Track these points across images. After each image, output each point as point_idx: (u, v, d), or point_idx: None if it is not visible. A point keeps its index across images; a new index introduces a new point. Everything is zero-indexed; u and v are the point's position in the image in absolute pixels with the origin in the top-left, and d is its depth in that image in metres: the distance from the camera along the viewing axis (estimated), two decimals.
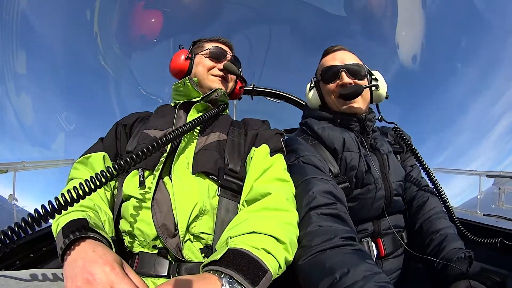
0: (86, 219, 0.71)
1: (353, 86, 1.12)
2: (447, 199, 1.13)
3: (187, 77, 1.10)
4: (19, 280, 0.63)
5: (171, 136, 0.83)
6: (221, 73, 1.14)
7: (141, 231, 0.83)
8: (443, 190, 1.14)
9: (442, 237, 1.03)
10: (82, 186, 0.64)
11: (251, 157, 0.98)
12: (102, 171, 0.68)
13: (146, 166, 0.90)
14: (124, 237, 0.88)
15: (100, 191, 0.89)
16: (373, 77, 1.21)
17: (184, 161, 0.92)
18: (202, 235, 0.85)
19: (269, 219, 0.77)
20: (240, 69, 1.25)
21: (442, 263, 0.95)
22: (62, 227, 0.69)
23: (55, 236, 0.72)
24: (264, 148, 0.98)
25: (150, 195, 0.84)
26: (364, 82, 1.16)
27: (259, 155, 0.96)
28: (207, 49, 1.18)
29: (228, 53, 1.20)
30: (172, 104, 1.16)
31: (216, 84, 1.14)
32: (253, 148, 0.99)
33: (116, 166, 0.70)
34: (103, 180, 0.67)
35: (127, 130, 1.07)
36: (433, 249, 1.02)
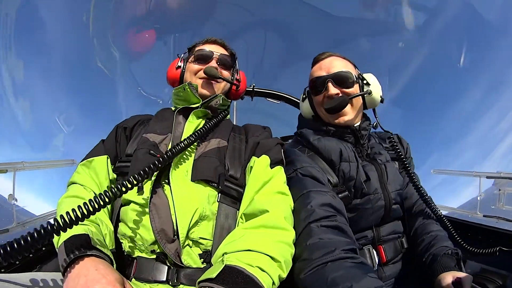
0: (88, 234, 0.72)
1: (338, 98, 1.09)
2: (438, 210, 1.12)
3: (187, 83, 1.10)
4: (18, 285, 0.64)
5: (171, 154, 0.84)
6: (206, 76, 1.11)
7: (140, 236, 0.83)
8: (433, 203, 1.13)
9: (431, 238, 1.05)
10: (86, 206, 0.65)
11: (251, 167, 0.97)
12: (105, 191, 0.69)
13: None
14: (122, 241, 0.89)
15: None
16: (365, 81, 1.16)
17: (183, 168, 0.92)
18: (201, 241, 0.85)
19: (265, 237, 0.78)
20: (234, 66, 1.22)
21: (430, 259, 0.99)
22: (64, 241, 0.70)
23: (56, 247, 0.73)
24: (265, 159, 0.97)
25: (148, 201, 0.85)
26: (354, 90, 1.12)
27: (260, 166, 0.95)
28: (193, 54, 1.17)
29: (214, 53, 1.15)
30: (173, 108, 1.16)
31: (201, 88, 1.11)
32: (254, 158, 0.99)
33: (119, 186, 0.71)
34: (107, 200, 0.68)
35: (127, 133, 1.08)
36: (423, 248, 1.04)
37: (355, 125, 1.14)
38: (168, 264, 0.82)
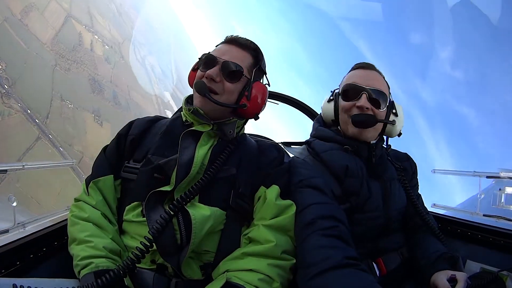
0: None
1: (367, 115, 1.08)
2: (439, 232, 1.15)
3: (188, 108, 1.02)
4: None
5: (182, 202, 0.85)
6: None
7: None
8: (431, 220, 1.17)
9: (429, 244, 1.09)
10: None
11: (260, 196, 0.98)
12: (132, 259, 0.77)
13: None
14: (123, 252, 0.89)
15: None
16: (393, 111, 1.17)
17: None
18: (204, 253, 0.87)
19: (266, 261, 0.82)
20: (241, 76, 0.99)
21: (425, 263, 1.02)
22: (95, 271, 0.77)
23: (76, 261, 0.80)
24: (275, 190, 0.97)
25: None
26: (383, 112, 1.13)
27: (271, 197, 0.95)
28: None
29: (218, 58, 0.97)
30: (184, 118, 1.06)
31: (197, 101, 0.99)
32: (263, 188, 0.98)
33: (138, 254, 0.77)
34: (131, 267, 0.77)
35: (135, 144, 1.03)
36: (420, 255, 1.07)
37: (372, 142, 1.16)
38: (169, 276, 0.83)
